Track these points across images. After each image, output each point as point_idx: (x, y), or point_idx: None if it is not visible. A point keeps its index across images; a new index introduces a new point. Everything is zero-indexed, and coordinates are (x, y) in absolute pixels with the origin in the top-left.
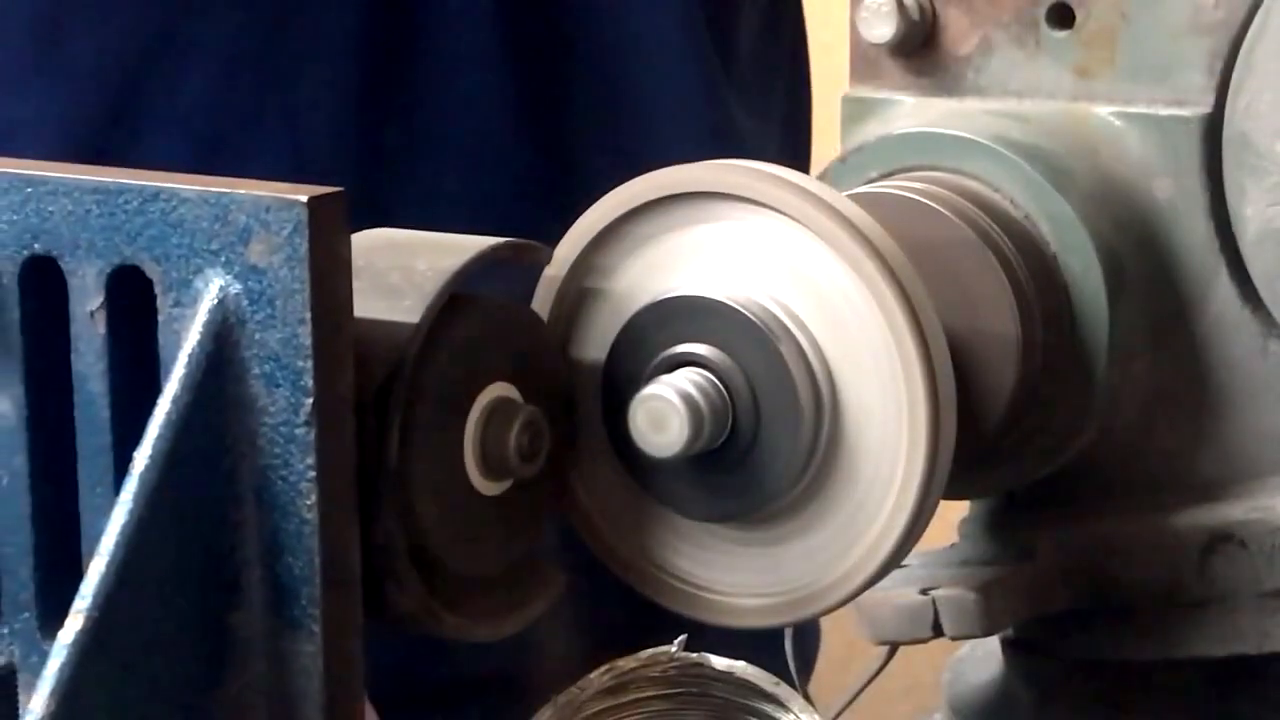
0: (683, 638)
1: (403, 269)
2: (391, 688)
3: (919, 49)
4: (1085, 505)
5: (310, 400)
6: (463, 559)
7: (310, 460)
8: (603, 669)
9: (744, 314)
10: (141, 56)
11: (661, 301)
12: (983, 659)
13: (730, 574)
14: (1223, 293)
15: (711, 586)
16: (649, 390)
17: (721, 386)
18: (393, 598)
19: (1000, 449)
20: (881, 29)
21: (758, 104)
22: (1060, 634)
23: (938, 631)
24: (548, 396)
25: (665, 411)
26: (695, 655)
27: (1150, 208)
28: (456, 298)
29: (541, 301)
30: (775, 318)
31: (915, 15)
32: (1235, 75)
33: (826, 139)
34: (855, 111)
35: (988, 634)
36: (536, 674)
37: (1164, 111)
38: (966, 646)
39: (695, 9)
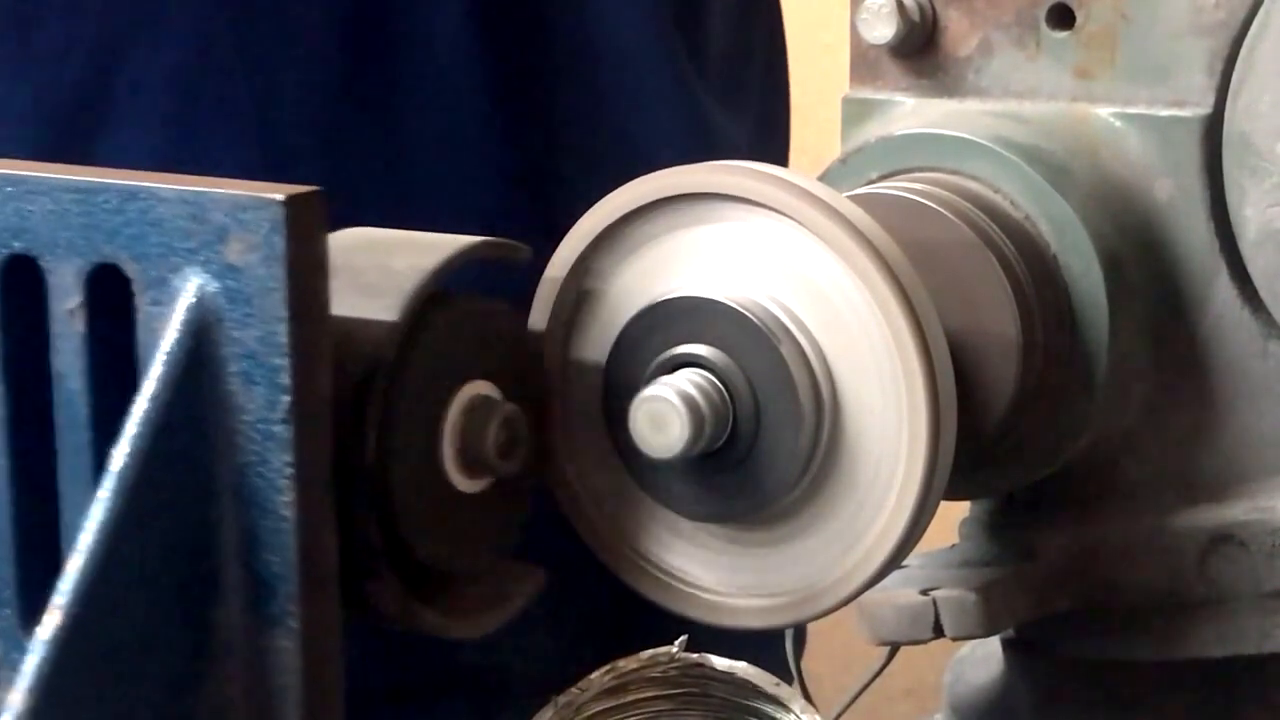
0: (683, 638)
1: (381, 268)
2: (380, 679)
3: (919, 50)
4: (1085, 505)
5: (288, 398)
6: (442, 556)
7: (288, 458)
8: (603, 669)
9: (744, 315)
10: (112, 41)
11: (662, 303)
12: (983, 659)
13: (731, 575)
14: (1223, 293)
15: (712, 587)
16: (649, 391)
17: (722, 387)
18: (371, 594)
19: (1001, 449)
20: (882, 30)
21: (732, 98)
22: (1060, 634)
23: (938, 632)
24: (527, 394)
25: (665, 412)
26: (696, 655)
27: (1150, 208)
28: (435, 296)
29: (542, 303)
30: (775, 318)
31: (915, 16)
32: (1235, 76)
33: (827, 140)
34: (855, 112)
35: (988, 634)
36: (527, 668)
37: (1164, 112)
38: (967, 647)
39: (664, 8)
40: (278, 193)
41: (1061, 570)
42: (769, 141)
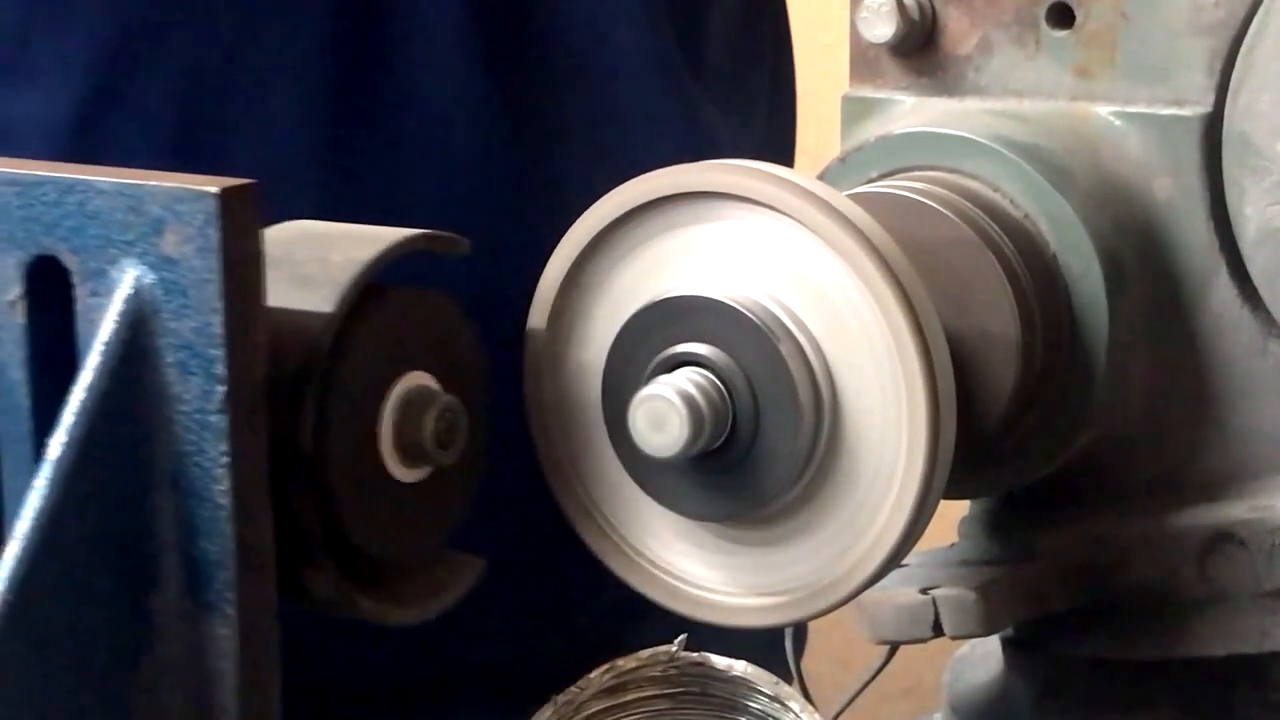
0: (683, 637)
1: (319, 260)
2: (379, 680)
3: (919, 49)
4: (1085, 505)
5: (223, 388)
6: (381, 544)
7: (224, 447)
8: (603, 668)
9: (744, 314)
10: (110, 63)
11: (661, 301)
12: (983, 658)
13: (730, 574)
14: (1222, 292)
15: (711, 586)
16: (649, 390)
17: (721, 386)
18: (309, 581)
19: (1000, 449)
20: (881, 29)
21: (735, 104)
22: (1060, 634)
23: (938, 631)
24: (466, 385)
25: (665, 411)
26: (695, 655)
27: (1150, 207)
28: (373, 288)
29: (541, 302)
30: (775, 317)
31: (915, 15)
32: (1235, 75)
33: (826, 139)
34: (855, 111)
35: (988, 633)
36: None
37: (1164, 111)
38: (967, 646)
39: (662, 14)
40: (212, 185)
41: (1061, 569)
42: (777, 145)
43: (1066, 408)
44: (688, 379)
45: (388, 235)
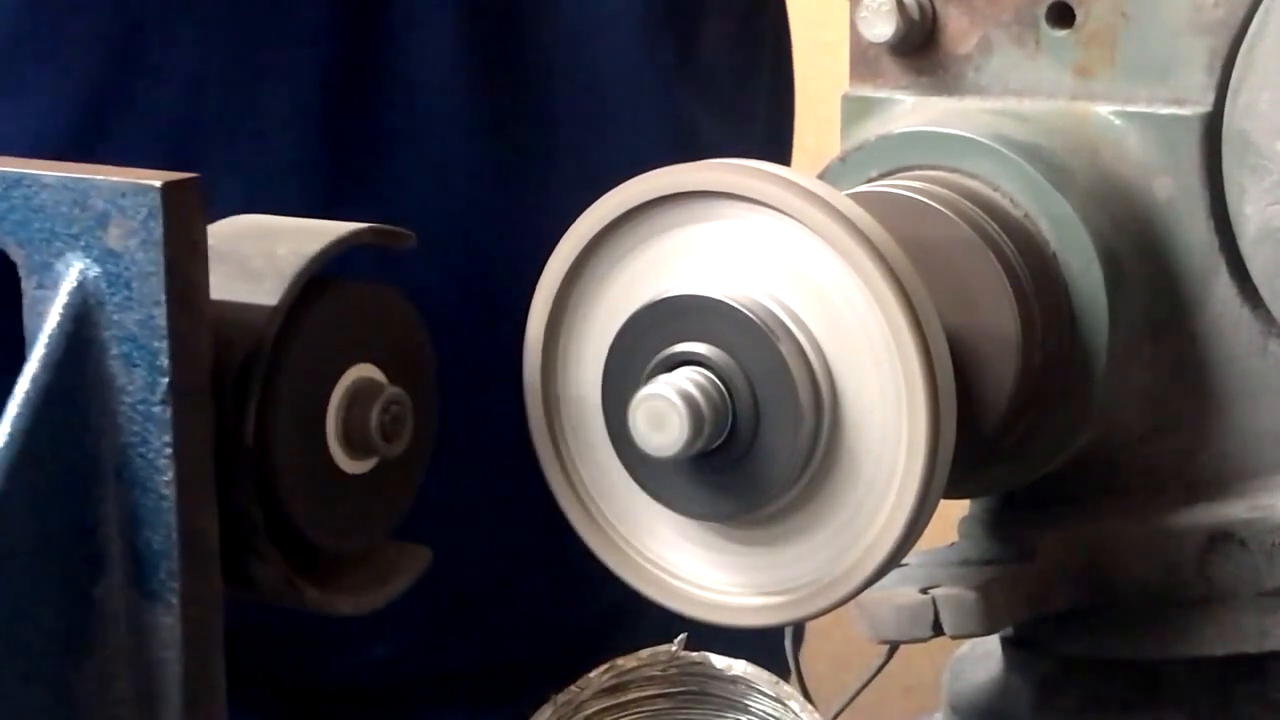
0: (683, 636)
1: (265, 254)
2: (378, 680)
3: (919, 48)
4: (1085, 505)
5: (166, 380)
6: (326, 534)
7: (167, 438)
8: (603, 668)
9: (744, 313)
10: (105, 76)
11: (661, 301)
12: (982, 658)
13: (730, 573)
14: (1222, 292)
15: (711, 586)
16: (649, 389)
17: (721, 386)
18: (254, 571)
19: (1000, 448)
20: (881, 28)
21: (733, 107)
22: (1060, 633)
23: (938, 630)
24: (412, 378)
25: (665, 411)
26: (695, 654)
27: (1150, 207)
28: (318, 281)
29: (541, 302)
30: (775, 317)
31: (915, 14)
32: (1235, 74)
33: (826, 138)
34: (855, 110)
35: (988, 633)
36: (525, 667)
37: (1164, 110)
38: (966, 645)
39: (656, 18)
40: (155, 179)
41: (1061, 569)
42: (775, 148)
43: (1066, 407)
44: (688, 378)
45: (334, 229)
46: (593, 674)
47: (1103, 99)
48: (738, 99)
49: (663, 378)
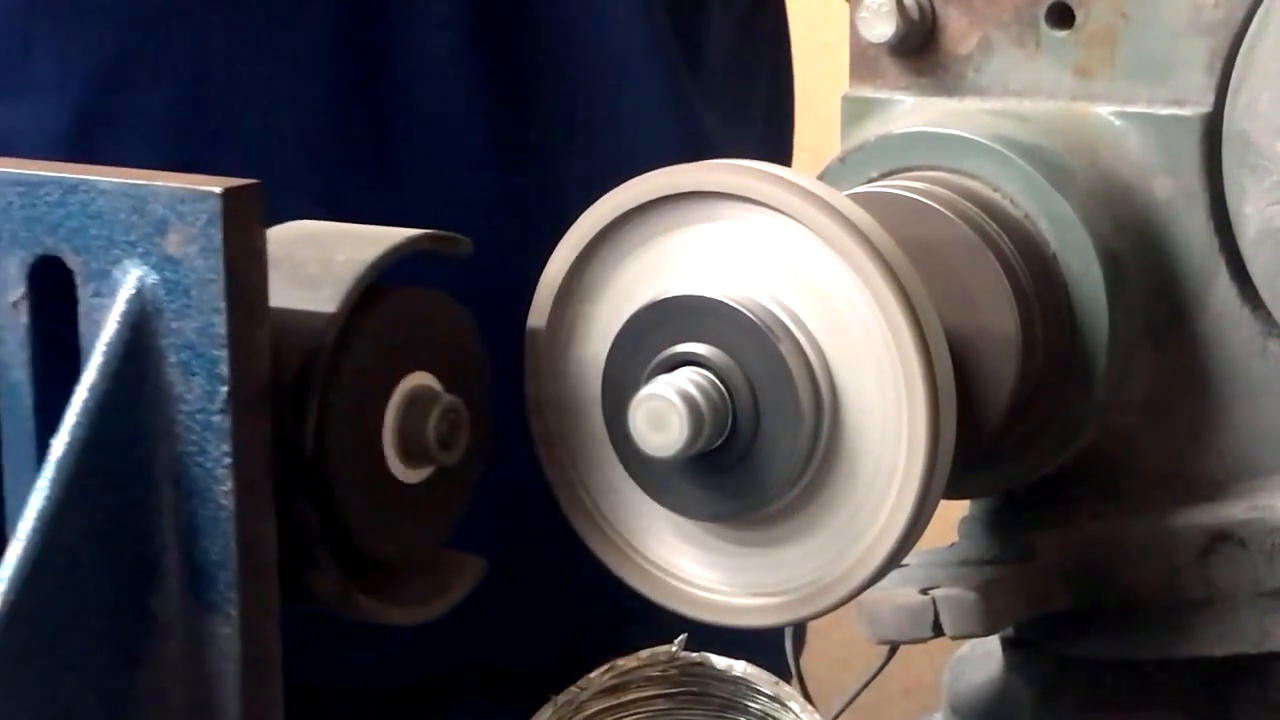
0: (683, 637)
1: (322, 260)
2: (379, 680)
3: (919, 49)
4: (1085, 505)
5: (225, 388)
6: (382, 544)
7: (226, 447)
8: (603, 668)
9: (744, 314)
10: (109, 73)
11: (661, 301)
12: (983, 658)
13: (730, 574)
14: (1222, 292)
15: (712, 586)
16: (649, 390)
17: (721, 386)
18: (310, 582)
19: (1000, 449)
20: (881, 28)
21: (734, 107)
22: (1060, 634)
23: (938, 631)
24: (468, 385)
25: (665, 411)
26: (695, 655)
27: (1150, 207)
28: (375, 289)
29: (541, 302)
30: (775, 318)
31: (915, 15)
32: (1235, 74)
33: (826, 138)
34: (855, 111)
35: (988, 633)
36: (526, 667)
37: (1164, 111)
38: (966, 646)
39: (661, 16)
40: (215, 185)
41: (1061, 569)
42: (774, 147)
43: (1066, 407)
44: (688, 379)
45: (391, 235)
46: (593, 674)
47: (1103, 99)
48: (738, 99)
49: (663, 378)
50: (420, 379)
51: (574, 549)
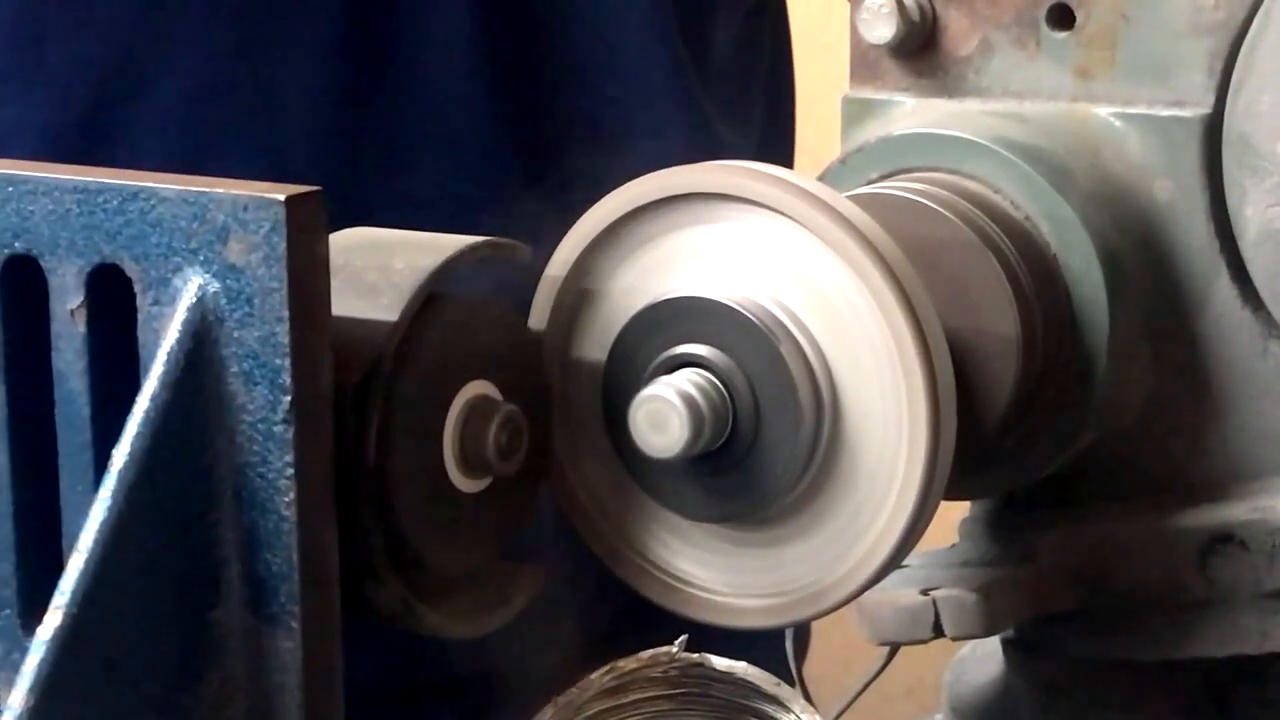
0: (683, 638)
1: (381, 268)
2: (378, 683)
3: (919, 50)
4: (1085, 505)
5: (288, 398)
6: (442, 556)
7: (289, 458)
8: (603, 669)
9: (744, 315)
10: (120, 62)
11: (662, 302)
12: (983, 659)
13: (731, 575)
14: (1223, 293)
15: (712, 587)
16: (649, 391)
17: (722, 387)
18: (372, 595)
19: (1000, 449)
20: (882, 30)
21: (736, 107)
22: (1060, 634)
23: (938, 632)
24: (527, 394)
25: (665, 412)
26: (696, 655)
27: (1150, 208)
28: (434, 296)
29: (542, 302)
30: (775, 318)
31: (915, 16)
32: (1235, 76)
33: (827, 139)
34: (855, 112)
35: (988, 634)
36: (521, 673)
37: (1164, 112)
38: (967, 647)
39: (668, 15)
40: (278, 192)
41: (1061, 570)
42: (774, 148)
43: (1067, 408)
44: (688, 380)
45: (450, 243)
46: (593, 675)
47: (1103, 101)
48: (740, 100)
49: (663, 379)
50: (480, 388)
51: (573, 550)
